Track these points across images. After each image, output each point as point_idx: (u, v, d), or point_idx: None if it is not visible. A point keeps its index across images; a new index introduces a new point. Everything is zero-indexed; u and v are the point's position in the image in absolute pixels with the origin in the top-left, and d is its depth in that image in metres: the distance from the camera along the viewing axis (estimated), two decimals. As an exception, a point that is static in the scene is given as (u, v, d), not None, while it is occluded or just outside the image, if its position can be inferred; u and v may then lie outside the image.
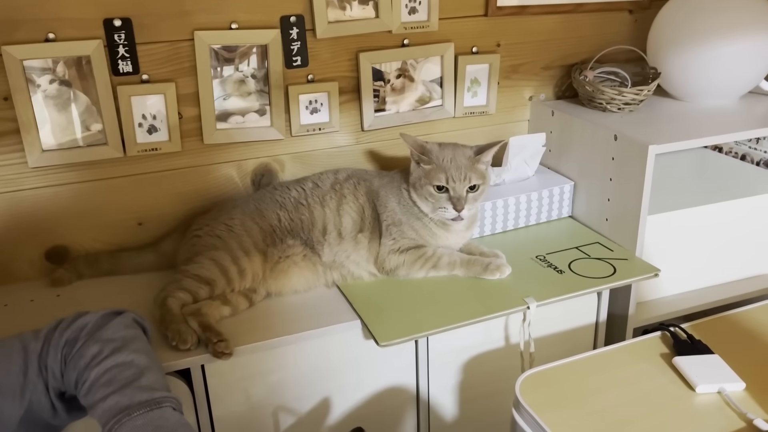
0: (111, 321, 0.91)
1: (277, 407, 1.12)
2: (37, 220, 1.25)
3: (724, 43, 1.37)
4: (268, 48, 1.28)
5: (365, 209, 1.23)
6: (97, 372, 0.84)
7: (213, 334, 1.03)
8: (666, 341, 1.06)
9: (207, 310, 1.09)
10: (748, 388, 0.93)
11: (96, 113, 1.22)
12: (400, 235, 1.21)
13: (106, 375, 0.83)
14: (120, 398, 0.80)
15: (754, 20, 1.38)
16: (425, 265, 1.21)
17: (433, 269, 1.22)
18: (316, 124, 1.38)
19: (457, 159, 1.19)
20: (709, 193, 1.40)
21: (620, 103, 1.41)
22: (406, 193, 1.24)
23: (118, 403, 0.80)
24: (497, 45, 1.48)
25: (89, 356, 0.85)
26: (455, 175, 1.17)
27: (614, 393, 0.94)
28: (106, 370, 0.84)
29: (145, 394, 0.81)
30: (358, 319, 1.11)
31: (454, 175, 1.17)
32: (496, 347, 1.23)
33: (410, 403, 1.22)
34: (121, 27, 1.18)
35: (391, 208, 1.23)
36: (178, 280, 1.12)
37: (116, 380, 0.83)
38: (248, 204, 1.24)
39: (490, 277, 1.21)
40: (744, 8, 1.39)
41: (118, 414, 0.79)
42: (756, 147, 1.57)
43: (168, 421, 0.80)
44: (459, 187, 1.17)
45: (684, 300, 1.38)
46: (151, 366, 0.87)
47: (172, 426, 0.79)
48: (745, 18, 1.38)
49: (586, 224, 1.41)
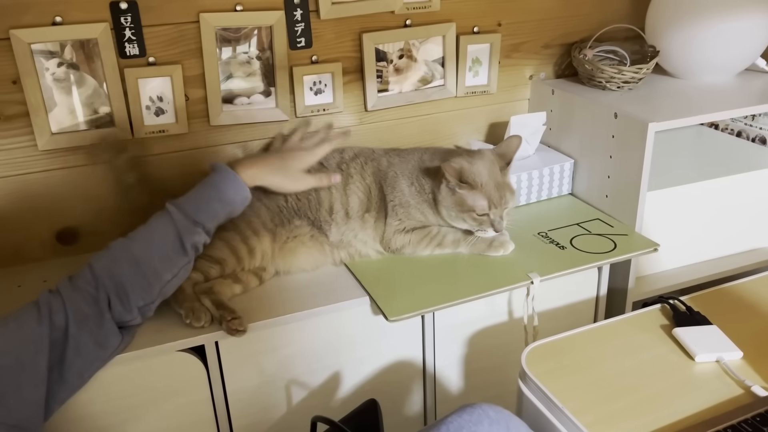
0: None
1: (289, 381, 1.15)
2: (48, 201, 1.27)
3: (721, 22, 1.39)
4: (272, 29, 1.29)
5: (372, 189, 1.25)
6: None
7: (227, 311, 1.06)
8: (666, 313, 1.09)
9: (219, 288, 1.11)
10: (745, 357, 0.97)
11: (104, 96, 1.23)
12: (406, 216, 1.23)
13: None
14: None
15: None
16: (431, 244, 1.24)
17: (438, 247, 1.24)
18: (320, 105, 1.39)
19: (494, 177, 1.18)
20: (706, 170, 1.42)
21: (620, 82, 1.43)
22: (425, 184, 1.22)
23: None
24: (498, 24, 1.50)
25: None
26: (496, 201, 1.17)
27: (617, 363, 0.98)
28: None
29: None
30: (367, 295, 1.13)
31: (495, 200, 1.17)
32: (500, 321, 1.26)
33: (417, 376, 1.25)
34: (127, 10, 1.19)
35: (400, 189, 1.23)
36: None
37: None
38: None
39: (494, 254, 1.23)
40: (741, -14, 1.41)
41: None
42: (751, 124, 1.60)
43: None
44: (500, 211, 1.18)
45: (682, 274, 1.41)
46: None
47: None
48: (742, -4, 1.40)
49: (586, 201, 1.44)
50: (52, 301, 0.93)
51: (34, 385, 0.89)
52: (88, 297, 0.95)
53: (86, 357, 0.96)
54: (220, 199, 1.05)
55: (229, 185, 1.07)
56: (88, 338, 0.95)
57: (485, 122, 1.58)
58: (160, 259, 0.99)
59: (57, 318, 0.92)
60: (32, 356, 0.90)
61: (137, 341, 1.03)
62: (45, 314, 0.92)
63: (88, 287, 0.95)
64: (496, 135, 1.59)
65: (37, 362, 0.90)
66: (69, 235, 1.31)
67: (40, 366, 0.90)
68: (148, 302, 0.99)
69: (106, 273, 0.96)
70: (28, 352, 0.90)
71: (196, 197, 1.05)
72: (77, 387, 0.98)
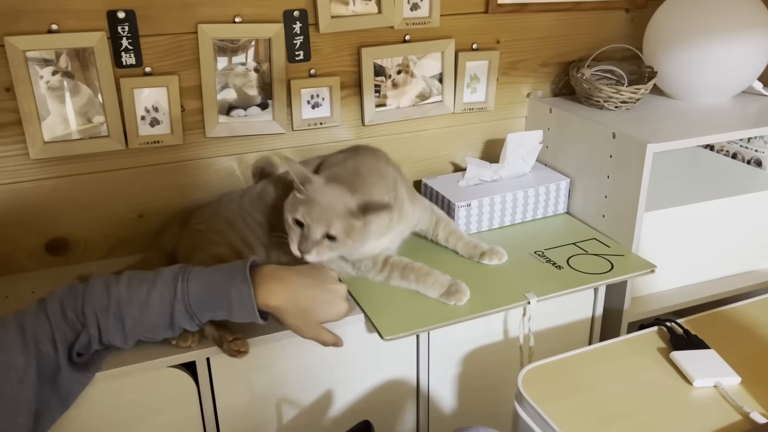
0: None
1: (281, 399, 1.13)
2: (38, 211, 1.25)
3: (719, 44, 1.40)
4: (271, 42, 1.28)
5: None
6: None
7: (227, 332, 1.04)
8: (663, 336, 1.08)
9: None
10: (743, 383, 0.96)
11: (98, 105, 1.22)
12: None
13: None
14: None
15: (748, 21, 1.41)
16: (392, 273, 1.18)
17: (402, 280, 1.18)
18: (317, 119, 1.38)
19: (331, 202, 1.05)
20: (703, 191, 1.42)
21: (617, 101, 1.43)
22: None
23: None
24: (497, 42, 1.50)
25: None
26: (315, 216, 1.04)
27: (614, 386, 0.97)
28: None
29: None
30: (362, 313, 1.12)
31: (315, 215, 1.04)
32: (495, 341, 1.25)
33: (411, 395, 1.24)
34: (124, 19, 1.18)
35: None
36: None
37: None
38: (245, 197, 1.24)
39: (446, 301, 1.15)
40: (738, 9, 1.42)
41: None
42: (747, 146, 1.60)
43: None
44: (315, 229, 1.04)
45: (678, 295, 1.41)
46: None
47: None
48: (739, 19, 1.41)
49: (582, 220, 1.43)
50: (39, 331, 0.90)
51: (11, 415, 0.86)
52: (75, 328, 0.93)
53: (77, 383, 0.96)
54: (227, 310, 0.97)
55: (241, 305, 0.96)
56: (76, 368, 0.94)
57: (482, 139, 1.58)
58: (147, 327, 0.96)
59: (44, 348, 0.90)
60: (14, 385, 0.87)
61: (127, 357, 1.00)
62: (31, 343, 0.89)
63: (76, 323, 0.93)
64: (492, 152, 1.58)
65: (20, 392, 0.87)
66: (58, 246, 1.28)
67: (24, 396, 0.87)
68: (117, 346, 0.98)
69: (93, 320, 0.93)
70: (9, 380, 0.87)
71: (207, 295, 0.96)
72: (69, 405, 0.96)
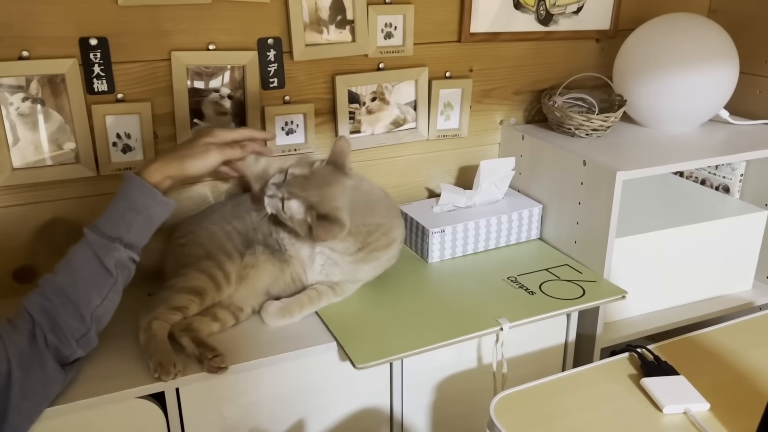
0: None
1: (252, 429, 1.12)
2: (6, 239, 1.22)
3: (686, 73, 1.43)
4: (245, 69, 1.28)
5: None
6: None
7: (207, 349, 1.03)
8: (634, 362, 1.09)
9: (198, 325, 1.08)
10: (712, 409, 0.97)
11: (69, 132, 1.21)
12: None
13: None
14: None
15: (714, 52, 1.45)
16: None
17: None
18: (291, 145, 1.39)
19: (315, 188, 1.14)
20: (672, 217, 1.44)
21: (588, 129, 1.45)
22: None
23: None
24: (470, 70, 1.52)
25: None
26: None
27: (586, 413, 0.97)
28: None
29: None
30: (335, 341, 1.11)
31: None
32: (468, 368, 1.25)
33: (384, 423, 1.23)
34: (96, 46, 1.17)
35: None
36: (166, 297, 1.10)
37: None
38: (225, 207, 1.25)
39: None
40: (704, 40, 1.46)
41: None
42: (715, 172, 1.64)
43: None
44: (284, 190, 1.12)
45: (649, 320, 1.42)
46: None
47: None
48: (706, 49, 1.45)
49: (555, 246, 1.45)
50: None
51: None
52: (27, 336, 0.92)
53: (33, 399, 0.92)
54: (133, 208, 1.00)
55: (137, 191, 1.01)
56: (33, 381, 0.91)
57: (456, 165, 1.59)
58: (85, 284, 0.95)
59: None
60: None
61: (94, 387, 0.99)
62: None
63: (26, 326, 0.92)
64: (466, 178, 1.59)
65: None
66: (26, 274, 1.26)
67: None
68: (84, 332, 0.96)
69: (39, 309, 0.93)
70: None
71: (110, 213, 1.00)
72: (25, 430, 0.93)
